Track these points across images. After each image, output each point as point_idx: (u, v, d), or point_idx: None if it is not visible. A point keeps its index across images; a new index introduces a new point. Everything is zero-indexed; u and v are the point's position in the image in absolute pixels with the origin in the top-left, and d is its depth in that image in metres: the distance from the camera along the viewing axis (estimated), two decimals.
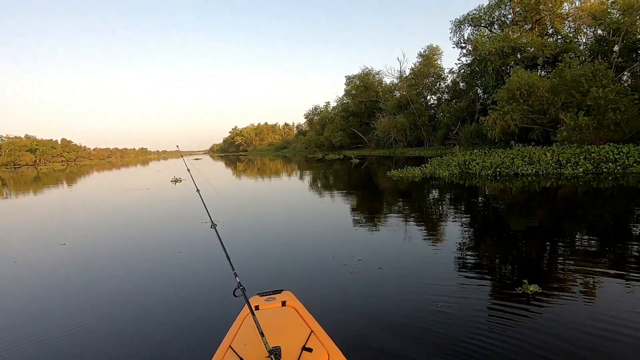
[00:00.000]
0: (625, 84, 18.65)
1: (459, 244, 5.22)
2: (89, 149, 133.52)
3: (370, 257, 4.78)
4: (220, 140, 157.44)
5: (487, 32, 28.96)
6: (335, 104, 55.55)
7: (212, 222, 2.90)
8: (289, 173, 22.53)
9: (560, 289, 3.45)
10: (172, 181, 18.15)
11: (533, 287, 3.34)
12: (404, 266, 4.45)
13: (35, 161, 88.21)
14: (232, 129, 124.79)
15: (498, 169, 12.41)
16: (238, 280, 2.02)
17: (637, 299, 3.17)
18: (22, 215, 10.80)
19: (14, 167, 76.38)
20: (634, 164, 10.41)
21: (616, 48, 21.03)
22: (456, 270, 4.14)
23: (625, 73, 21.04)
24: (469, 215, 7.15)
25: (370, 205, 9.40)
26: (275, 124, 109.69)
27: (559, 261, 4.27)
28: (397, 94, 41.62)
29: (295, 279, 4.20)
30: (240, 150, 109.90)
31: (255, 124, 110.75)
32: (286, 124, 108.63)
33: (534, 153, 12.91)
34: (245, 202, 11.07)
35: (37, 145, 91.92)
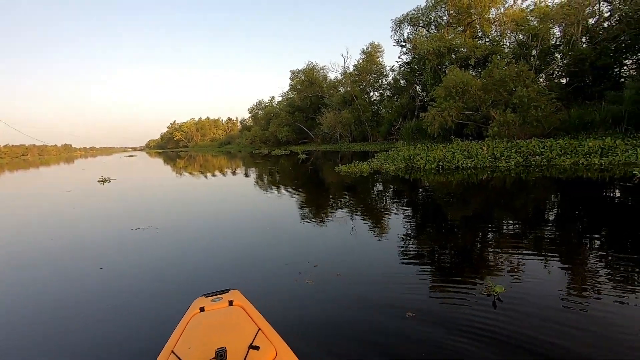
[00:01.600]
0: (542, 85, 20.78)
1: (410, 238, 5.23)
2: None
3: (319, 253, 4.80)
4: (157, 136, 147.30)
5: (424, 32, 30.41)
6: (280, 99, 54.83)
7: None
8: (233, 169, 21.63)
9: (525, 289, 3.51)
10: (99, 181, 16.33)
11: (499, 288, 3.14)
12: (354, 260, 4.45)
13: None
14: (171, 123, 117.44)
15: (441, 163, 12.98)
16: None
17: (558, 275, 3.63)
18: None
19: None
20: (557, 157, 11.54)
21: (534, 52, 23.35)
22: (409, 264, 4.13)
23: (542, 75, 23.48)
24: (418, 210, 7.29)
25: (317, 200, 9.24)
26: (218, 119, 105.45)
27: (531, 259, 4.43)
28: (342, 89, 42.19)
29: (244, 278, 4.09)
30: (180, 147, 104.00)
31: (197, 119, 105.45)
32: (229, 119, 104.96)
33: (472, 147, 13.75)
34: (187, 201, 10.27)
35: None
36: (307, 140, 47.48)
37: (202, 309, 2.22)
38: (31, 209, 10.06)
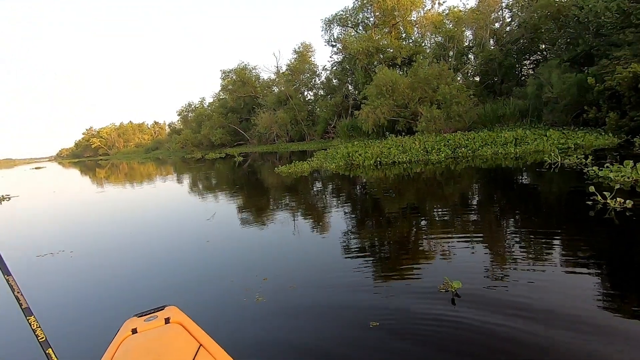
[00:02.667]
0: (459, 83, 22.74)
1: (362, 239, 5.21)
2: None
3: (267, 264, 4.50)
4: (71, 144, 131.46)
5: (353, 32, 31.33)
6: (211, 100, 52.48)
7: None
8: (164, 177, 20.03)
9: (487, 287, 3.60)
10: None
11: (456, 284, 3.13)
12: (293, 256, 4.48)
13: None
14: (87, 129, 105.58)
15: (379, 159, 13.36)
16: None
17: (478, 254, 3.98)
18: None
19: None
20: (479, 148, 12.59)
21: (451, 53, 25.41)
22: (364, 267, 4.04)
23: (459, 74, 25.67)
24: (363, 208, 7.35)
25: (259, 204, 8.88)
26: (143, 123, 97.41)
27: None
28: (276, 89, 41.71)
29: (181, 294, 3.80)
30: (100, 154, 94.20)
31: (118, 124, 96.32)
32: (156, 123, 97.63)
33: (406, 142, 14.41)
34: (109, 217, 9.13)
35: None
36: (242, 142, 46.11)
37: (134, 331, 1.98)
38: None
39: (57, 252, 5.71)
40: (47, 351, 1.51)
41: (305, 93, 41.37)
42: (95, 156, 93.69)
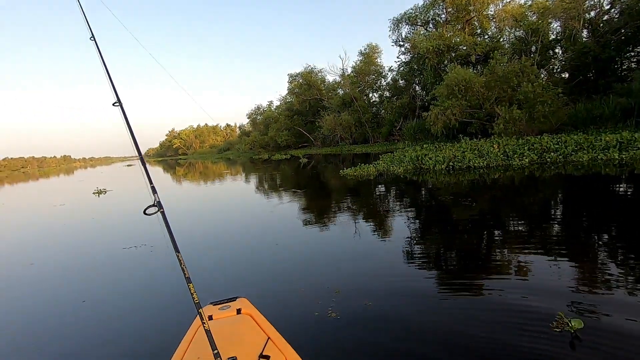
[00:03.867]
0: (543, 80, 20.43)
1: (448, 255, 4.78)
2: None
3: (330, 260, 4.60)
4: (156, 144, 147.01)
5: (423, 30, 30.09)
6: (278, 103, 54.54)
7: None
8: (234, 176, 21.18)
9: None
10: (94, 193, 15.85)
11: (576, 323, 2.54)
12: (365, 267, 4.23)
13: None
14: (169, 131, 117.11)
15: (451, 163, 12.48)
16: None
17: (565, 274, 3.49)
18: None
19: None
20: (573, 153, 11.07)
21: (534, 48, 22.99)
22: (453, 289, 3.63)
23: (543, 70, 23.10)
24: (443, 219, 6.84)
25: (324, 205, 8.80)
26: (217, 125, 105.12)
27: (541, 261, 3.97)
28: (341, 91, 41.85)
29: (251, 286, 3.97)
30: (180, 154, 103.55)
31: (195, 126, 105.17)
32: (228, 125, 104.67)
33: (483, 146, 13.29)
34: (189, 209, 9.81)
35: None
36: (307, 144, 47.07)
37: (210, 317, 2.15)
38: (19, 227, 9.60)
39: (140, 245, 6.21)
40: (199, 310, 1.82)
41: (370, 95, 40.88)
42: (175, 155, 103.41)
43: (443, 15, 29.03)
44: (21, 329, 3.45)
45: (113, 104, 2.06)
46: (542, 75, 22.61)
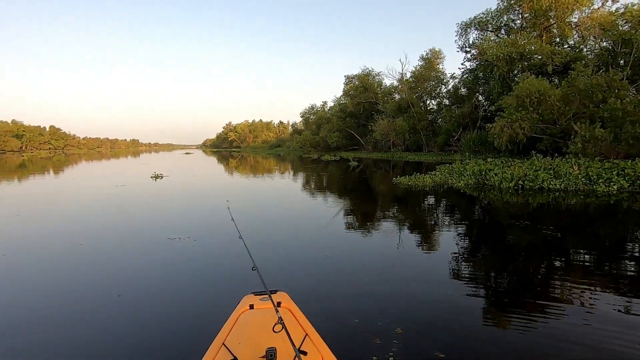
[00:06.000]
0: (634, 97, 17.94)
1: (470, 261, 4.14)
2: (79, 137, 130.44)
3: (374, 264, 4.60)
4: (213, 136, 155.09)
5: (493, 37, 28.17)
6: (332, 104, 54.61)
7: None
8: (282, 172, 21.34)
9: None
10: (152, 177, 16.78)
11: None
12: (409, 276, 4.10)
13: (21, 147, 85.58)
14: (226, 124, 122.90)
15: (520, 182, 11.23)
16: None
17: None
18: None
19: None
20: None
21: (622, 61, 20.36)
22: (463, 282, 3.06)
23: (632, 87, 20.38)
24: (500, 240, 6.09)
25: (375, 212, 8.34)
26: (270, 122, 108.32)
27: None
28: (397, 96, 40.73)
29: (291, 281, 4.05)
30: (233, 147, 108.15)
31: (250, 121, 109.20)
32: (281, 122, 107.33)
33: (559, 166, 11.86)
34: (234, 202, 9.89)
35: (24, 131, 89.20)
36: (357, 147, 46.53)
37: (251, 307, 2.23)
38: (84, 205, 10.28)
39: (184, 237, 6.23)
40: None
41: (428, 102, 39.30)
42: (229, 147, 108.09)
43: (518, 21, 26.95)
44: (62, 305, 3.47)
45: None
46: (633, 91, 19.99)
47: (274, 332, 1.86)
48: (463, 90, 32.92)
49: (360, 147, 45.37)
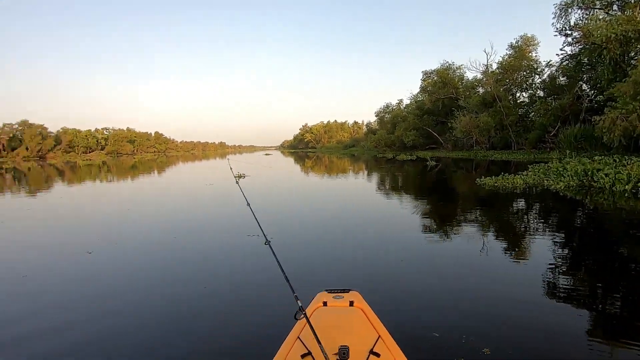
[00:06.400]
0: None
1: (571, 277, 3.49)
2: (177, 141, 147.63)
3: (454, 273, 4.26)
4: (291, 137, 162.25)
5: (602, 14, 24.19)
6: (408, 102, 52.77)
7: (266, 238, 2.89)
8: (356, 172, 21.26)
9: None
10: (235, 177, 18.07)
11: None
12: (497, 290, 3.68)
13: (133, 151, 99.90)
14: (302, 126, 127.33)
15: None
16: (299, 303, 1.86)
17: None
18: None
19: (117, 155, 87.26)
20: None
21: None
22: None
23: None
24: (595, 250, 5.17)
25: (453, 215, 7.76)
26: (345, 122, 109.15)
27: None
28: (481, 90, 37.65)
29: (363, 282, 3.97)
30: (309, 147, 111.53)
31: (325, 122, 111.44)
32: (355, 122, 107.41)
33: None
34: (310, 201, 10.13)
35: (135, 137, 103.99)
36: (435, 146, 44.23)
37: (324, 304, 2.24)
38: (181, 201, 11.49)
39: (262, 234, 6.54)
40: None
41: (518, 94, 35.48)
42: (305, 148, 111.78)
43: None
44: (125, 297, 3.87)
45: None
46: None
47: (347, 330, 1.91)
48: (562, 79, 28.99)
49: (439, 146, 43.02)
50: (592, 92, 25.50)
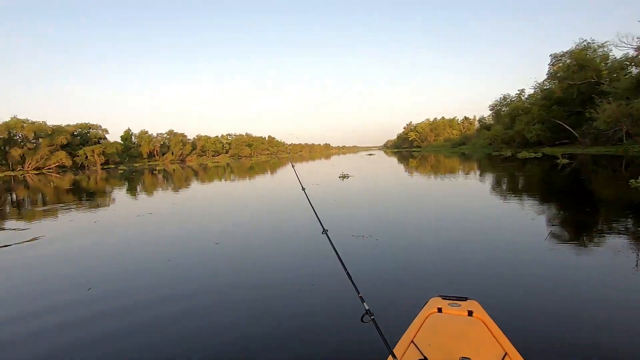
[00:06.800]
0: None
1: None
2: (287, 144, 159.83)
3: (592, 287, 3.66)
4: (394, 136, 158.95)
5: None
6: (532, 91, 46.07)
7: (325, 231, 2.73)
8: (466, 172, 19.52)
9: None
10: (339, 177, 18.50)
11: None
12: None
13: (250, 153, 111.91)
14: (407, 124, 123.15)
15: None
16: (365, 306, 1.81)
17: None
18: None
19: (238, 157, 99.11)
20: None
21: None
22: None
23: None
24: None
25: (595, 224, 6.45)
26: (454, 118, 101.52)
27: None
28: (634, 70, 30.49)
29: (482, 293, 3.48)
30: (414, 146, 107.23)
31: (432, 119, 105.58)
32: (466, 118, 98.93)
33: None
34: (414, 201, 9.73)
35: (252, 141, 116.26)
36: (568, 141, 37.63)
37: (439, 310, 2.14)
38: (289, 200, 12.34)
39: (367, 235, 6.53)
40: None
41: None
42: (409, 147, 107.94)
43: None
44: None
45: None
46: None
47: (466, 342, 1.78)
48: None
49: (572, 141, 36.45)
50: None
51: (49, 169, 58.72)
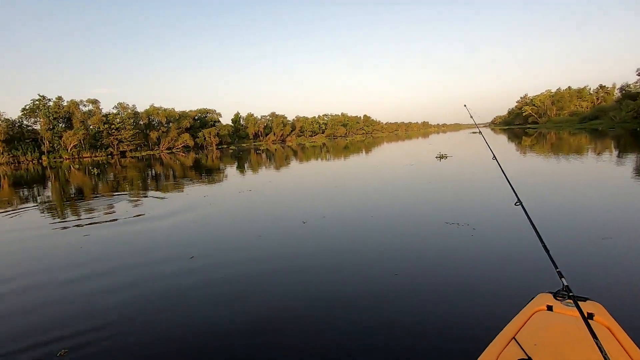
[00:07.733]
0: None
1: None
2: (382, 123, 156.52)
3: None
4: (504, 112, 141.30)
5: None
6: None
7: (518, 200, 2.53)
8: (598, 153, 16.29)
9: None
10: (437, 157, 17.38)
11: None
12: None
13: (345, 133, 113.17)
14: (521, 97, 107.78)
15: None
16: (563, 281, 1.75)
17: None
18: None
19: (333, 137, 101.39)
20: None
21: None
22: None
23: None
24: None
25: None
26: (584, 88, 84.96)
27: None
28: None
29: (606, 292, 3.12)
30: (529, 123, 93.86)
31: (554, 90, 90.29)
32: (602, 87, 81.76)
33: None
34: (540, 187, 8.64)
35: (347, 121, 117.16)
36: None
37: (549, 308, 1.94)
38: (381, 183, 12.15)
39: (463, 223, 6.06)
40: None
41: None
42: (524, 124, 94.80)
43: None
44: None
45: None
46: None
47: (585, 348, 1.56)
48: None
49: None
50: None
51: (177, 149, 69.26)
